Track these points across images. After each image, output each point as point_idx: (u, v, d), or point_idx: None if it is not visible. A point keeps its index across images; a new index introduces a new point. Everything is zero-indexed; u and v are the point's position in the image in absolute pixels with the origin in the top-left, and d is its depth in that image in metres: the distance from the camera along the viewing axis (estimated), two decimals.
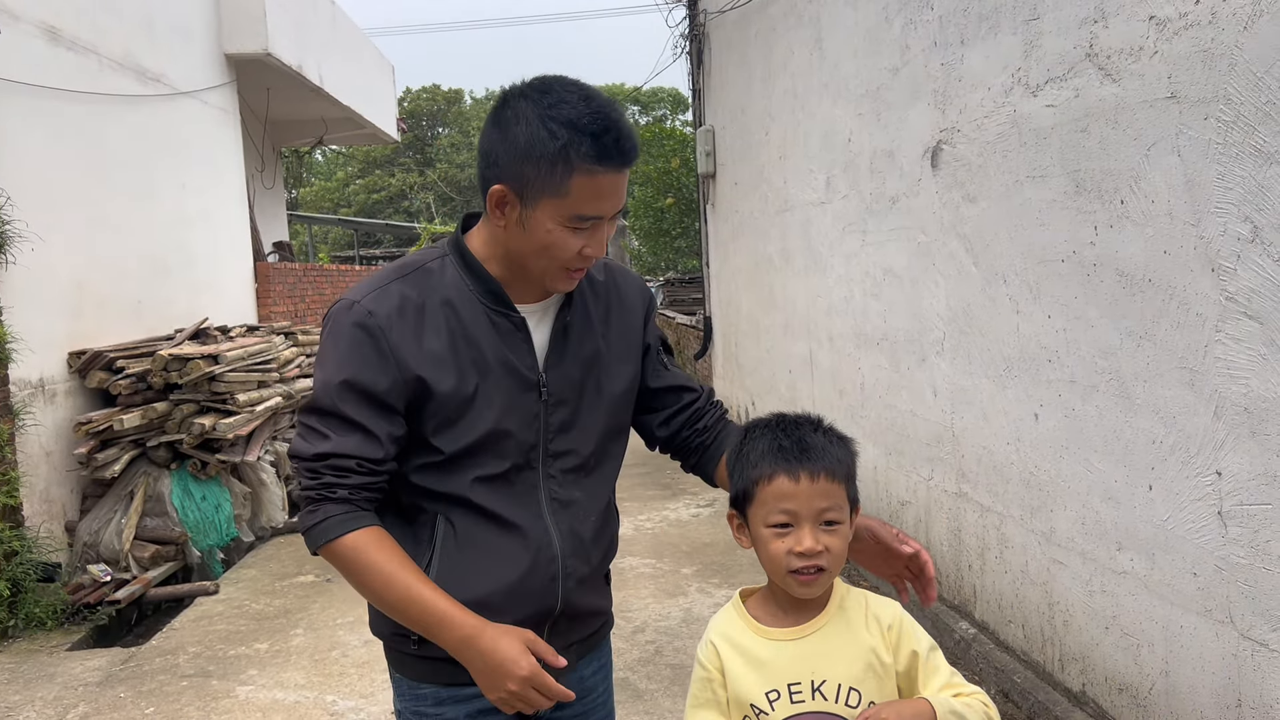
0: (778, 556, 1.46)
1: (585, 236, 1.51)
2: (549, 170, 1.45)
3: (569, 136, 1.44)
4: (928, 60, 4.31)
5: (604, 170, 1.46)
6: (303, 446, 1.54)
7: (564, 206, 1.47)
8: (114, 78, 6.69)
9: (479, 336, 1.56)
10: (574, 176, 1.45)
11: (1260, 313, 2.40)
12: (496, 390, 1.57)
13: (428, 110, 40.60)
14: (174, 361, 5.95)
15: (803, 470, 1.46)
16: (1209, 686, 2.69)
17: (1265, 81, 2.34)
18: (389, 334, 1.51)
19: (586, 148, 1.44)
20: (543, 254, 1.52)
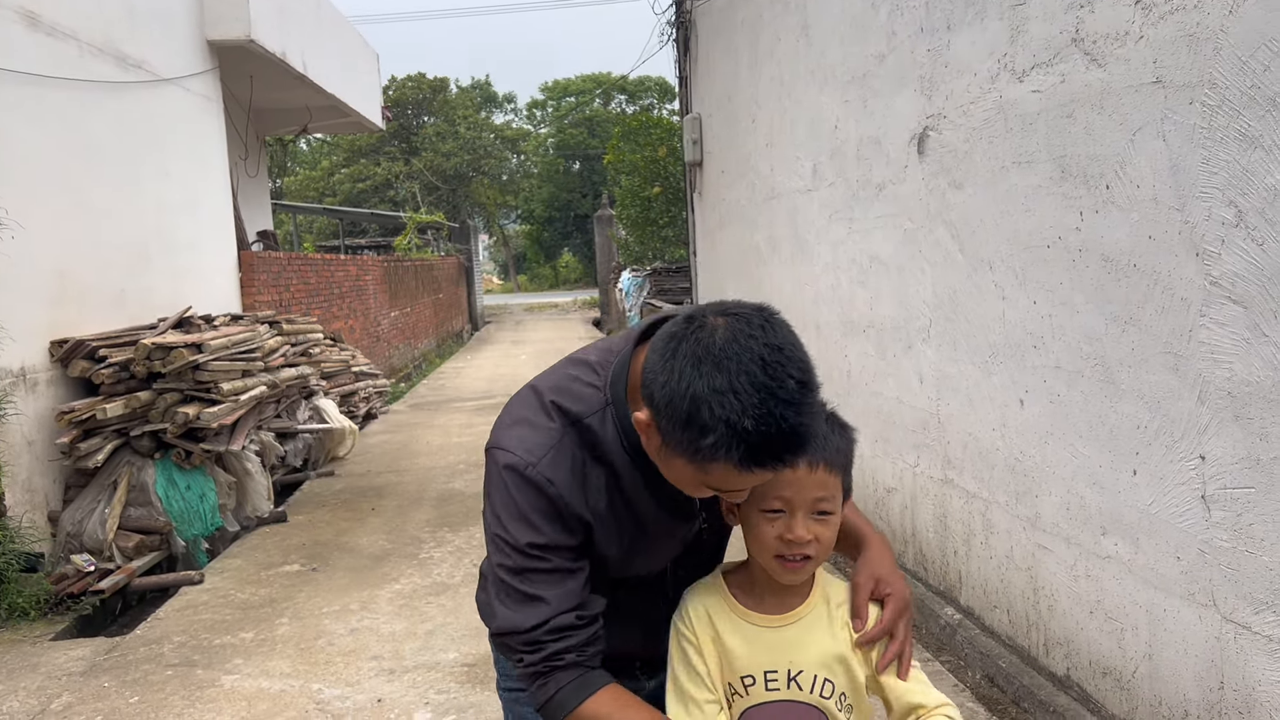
0: (766, 540, 1.45)
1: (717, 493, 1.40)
2: (694, 452, 1.28)
3: (721, 436, 1.24)
4: (914, 46, 4.30)
5: (755, 472, 1.28)
6: (516, 618, 1.44)
7: (701, 478, 1.33)
8: (94, 64, 6.62)
9: (636, 499, 1.49)
10: (717, 465, 1.28)
11: (1244, 297, 2.41)
12: (652, 547, 1.54)
13: (413, 99, 40.37)
14: (157, 350, 5.91)
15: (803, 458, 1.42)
16: (1192, 670, 2.70)
17: (1250, 65, 2.34)
18: (570, 503, 1.44)
19: (738, 455, 1.25)
20: (672, 482, 1.41)
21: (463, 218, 33.56)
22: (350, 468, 8.44)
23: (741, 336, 1.27)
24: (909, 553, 4.76)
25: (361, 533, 6.34)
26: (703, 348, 1.27)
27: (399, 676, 4.07)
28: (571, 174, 47.34)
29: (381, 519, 6.67)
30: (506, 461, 1.45)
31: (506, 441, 1.48)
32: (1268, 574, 2.40)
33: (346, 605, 4.96)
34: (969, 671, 3.87)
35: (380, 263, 15.06)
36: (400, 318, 15.87)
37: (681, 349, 1.29)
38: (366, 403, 10.59)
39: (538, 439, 1.46)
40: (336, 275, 12.05)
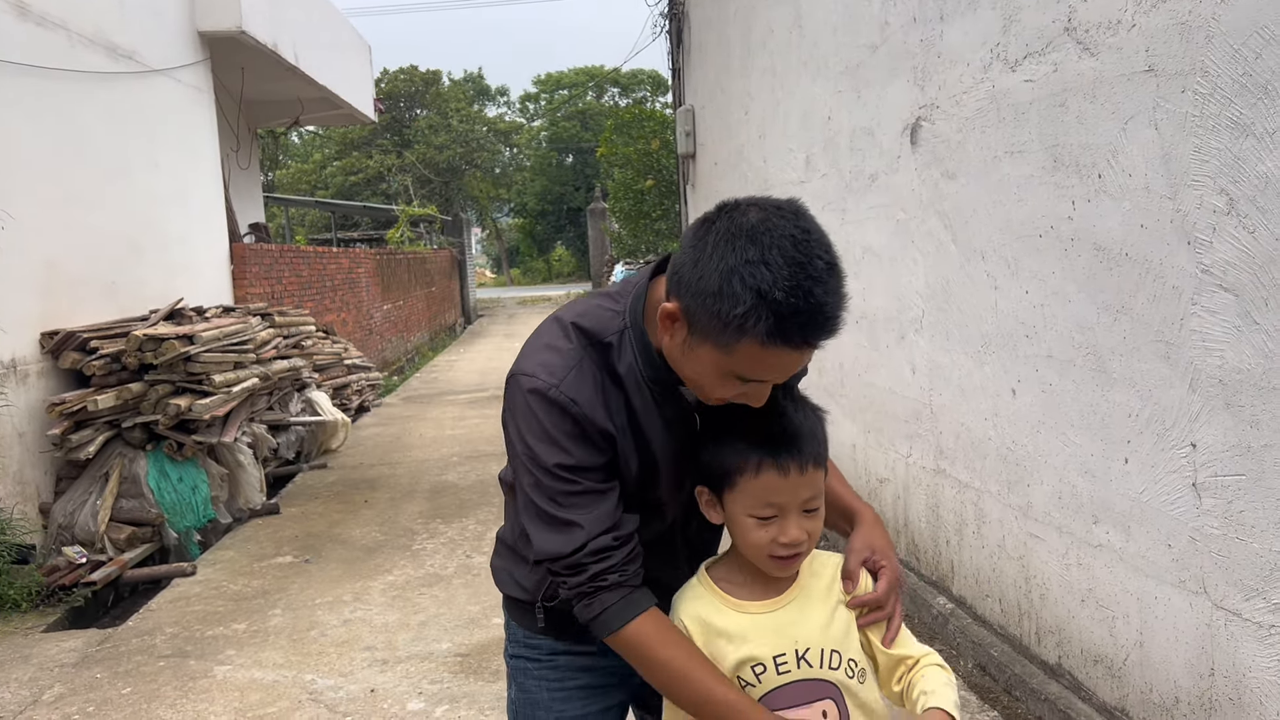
0: (759, 543, 1.45)
1: (745, 387, 1.39)
2: (720, 327, 1.30)
3: (751, 306, 1.26)
4: (907, 36, 4.30)
5: (780, 348, 1.29)
6: (555, 544, 1.45)
7: (725, 362, 1.34)
8: (85, 54, 6.59)
9: (647, 424, 1.50)
10: (743, 342, 1.30)
11: (1235, 285, 2.41)
12: (659, 473, 1.53)
13: (405, 91, 40.24)
14: (149, 342, 5.89)
15: (792, 463, 1.42)
16: (1183, 657, 2.72)
17: (1242, 53, 2.34)
18: (594, 420, 1.44)
19: (767, 325, 1.27)
20: (693, 383, 1.42)
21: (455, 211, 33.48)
22: (343, 460, 8.43)
23: (774, 218, 1.31)
24: (901, 543, 4.77)
25: (354, 524, 6.33)
26: (736, 225, 1.31)
27: (392, 667, 4.07)
28: (564, 167, 47.26)
29: (374, 511, 6.66)
30: (530, 386, 1.46)
31: (529, 367, 1.48)
32: (1258, 561, 2.41)
33: (339, 596, 4.96)
34: (961, 660, 3.88)
35: (373, 255, 15.03)
36: (393, 311, 15.84)
37: (714, 229, 1.33)
38: (359, 395, 10.57)
39: (559, 361, 1.47)
40: (329, 268, 12.02)
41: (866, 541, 1.58)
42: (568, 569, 1.45)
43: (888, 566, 1.55)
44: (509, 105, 50.78)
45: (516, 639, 1.73)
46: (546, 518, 1.45)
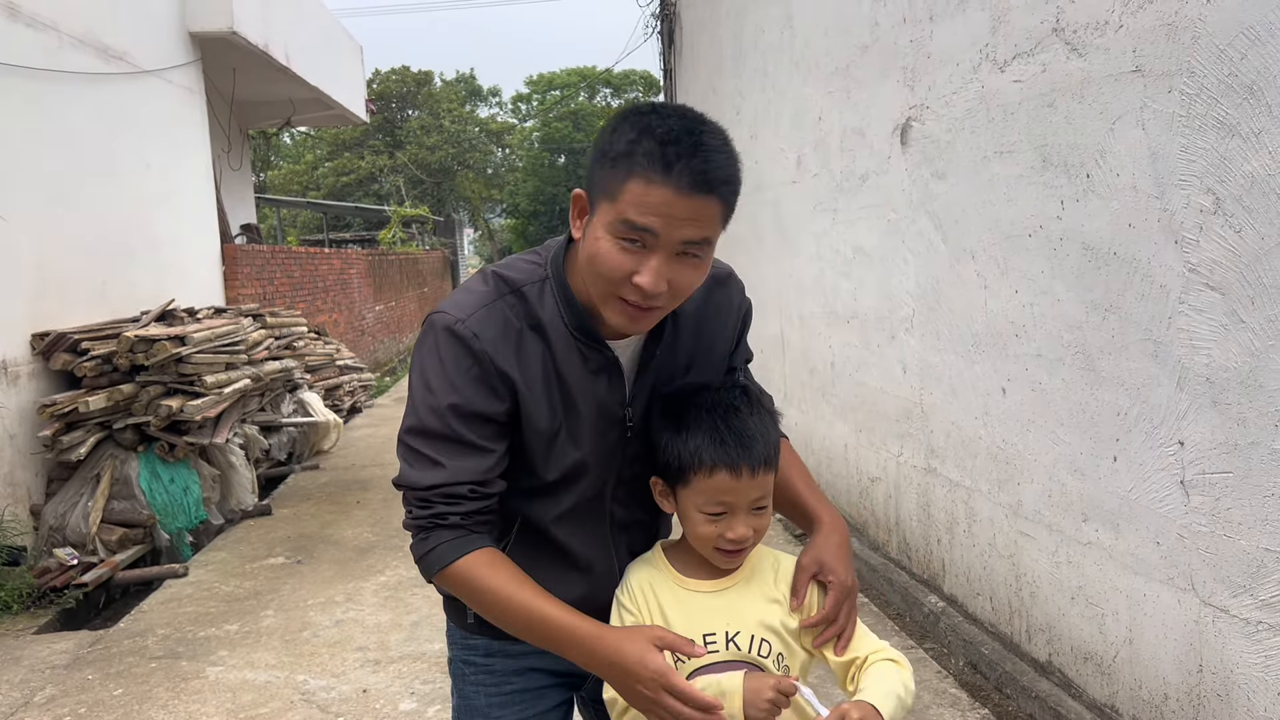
0: (707, 536, 1.51)
1: (637, 259, 1.35)
2: (611, 171, 1.35)
3: (637, 138, 1.33)
4: (897, 37, 4.32)
5: (661, 182, 1.30)
6: (414, 475, 1.47)
7: (613, 210, 1.35)
8: (75, 55, 6.57)
9: (569, 373, 1.49)
10: (630, 180, 1.32)
11: (1222, 283, 2.43)
12: (582, 428, 1.52)
13: (397, 92, 40.17)
14: (140, 343, 5.87)
15: (744, 464, 1.47)
16: (1171, 653, 2.73)
17: (1228, 54, 2.36)
18: (494, 359, 1.44)
19: (649, 151, 1.31)
20: (591, 266, 1.39)
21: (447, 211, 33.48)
22: (335, 461, 8.42)
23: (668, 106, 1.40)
24: (893, 542, 4.79)
25: (346, 525, 6.33)
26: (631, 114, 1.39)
27: (384, 667, 4.07)
28: (557, 167, 47.23)
29: (366, 511, 6.66)
30: (438, 321, 1.47)
31: (442, 305, 1.51)
32: (1245, 557, 2.42)
33: (331, 597, 4.95)
34: (952, 659, 3.90)
35: (364, 256, 15.01)
36: (385, 311, 15.82)
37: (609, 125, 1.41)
38: (351, 396, 10.56)
39: (470, 300, 1.49)
40: (320, 269, 12.00)
41: (815, 556, 1.57)
42: (417, 500, 1.48)
43: (835, 581, 1.54)
44: (501, 106, 50.72)
45: (455, 640, 1.72)
46: (418, 455, 1.47)
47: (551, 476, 1.54)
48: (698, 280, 1.43)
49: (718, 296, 1.65)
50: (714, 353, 1.65)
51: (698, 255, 1.39)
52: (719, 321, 1.65)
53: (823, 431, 5.67)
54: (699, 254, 1.39)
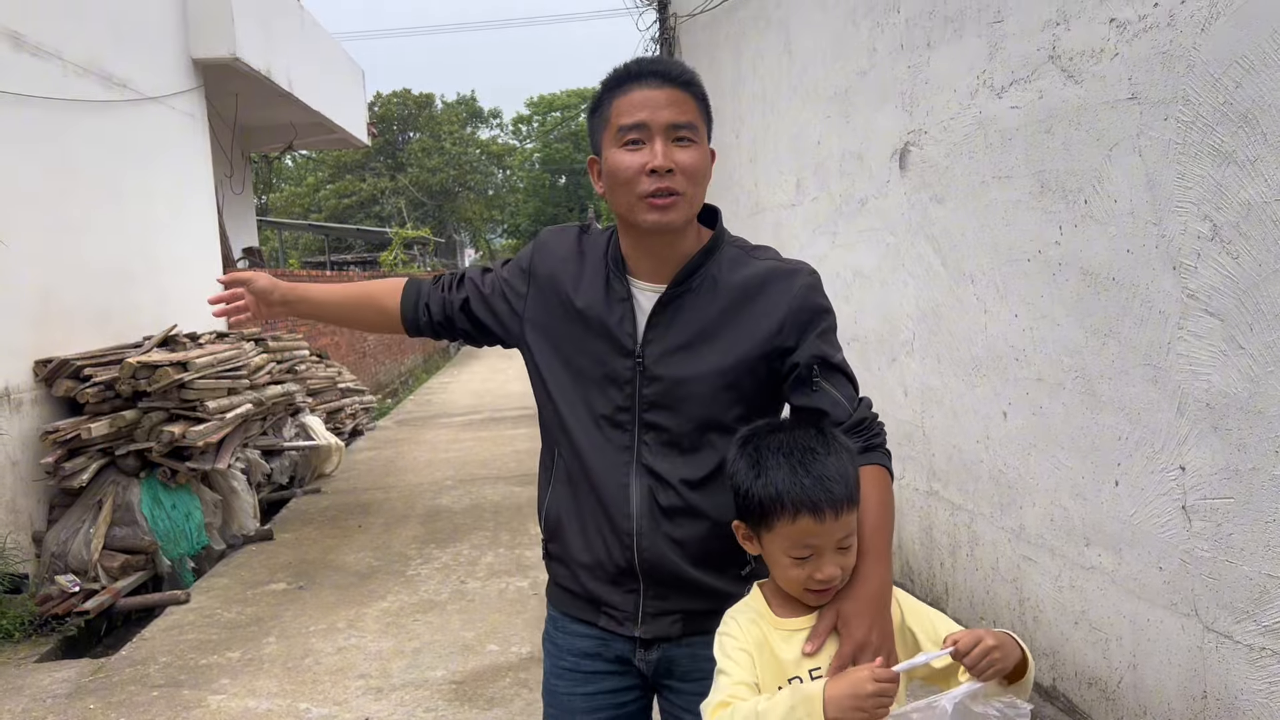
0: (796, 579, 1.51)
1: (643, 154, 1.61)
2: (600, 114, 1.68)
3: (608, 80, 1.67)
4: (894, 63, 4.34)
5: (635, 86, 1.63)
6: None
7: (610, 131, 1.64)
8: (79, 83, 6.62)
9: (591, 293, 1.74)
10: (613, 103, 1.65)
11: (1220, 309, 2.44)
12: (592, 342, 1.73)
13: (399, 114, 40.39)
14: (142, 369, 5.89)
15: (828, 509, 1.47)
16: (1175, 679, 2.73)
17: (1222, 82, 2.38)
18: (549, 246, 1.82)
19: (618, 76, 1.66)
20: (618, 188, 1.64)
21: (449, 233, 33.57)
22: (337, 485, 8.41)
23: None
24: (896, 565, 4.78)
25: (348, 550, 6.32)
26: None
27: (386, 695, 4.06)
28: (557, 188, 47.41)
29: (368, 536, 6.65)
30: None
31: None
32: (1248, 583, 2.42)
33: (333, 624, 4.94)
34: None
35: (366, 278, 15.05)
36: (386, 334, 15.84)
37: None
38: (353, 419, 10.56)
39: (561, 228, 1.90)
40: None
41: (838, 606, 1.54)
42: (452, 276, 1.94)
43: (846, 637, 1.51)
44: (502, 127, 50.96)
45: (549, 611, 1.91)
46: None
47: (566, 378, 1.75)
48: (701, 163, 1.64)
49: (776, 285, 1.70)
50: (753, 335, 1.67)
51: (691, 139, 1.63)
52: (766, 306, 1.68)
53: None
54: (692, 138, 1.63)
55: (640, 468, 1.70)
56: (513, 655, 4.37)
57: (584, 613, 1.79)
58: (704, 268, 1.70)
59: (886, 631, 1.54)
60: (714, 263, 1.70)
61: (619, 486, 1.71)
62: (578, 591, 1.79)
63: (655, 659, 1.75)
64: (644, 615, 1.73)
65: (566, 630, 1.82)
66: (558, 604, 1.85)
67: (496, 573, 5.63)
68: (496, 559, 5.89)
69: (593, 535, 1.74)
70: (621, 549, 1.71)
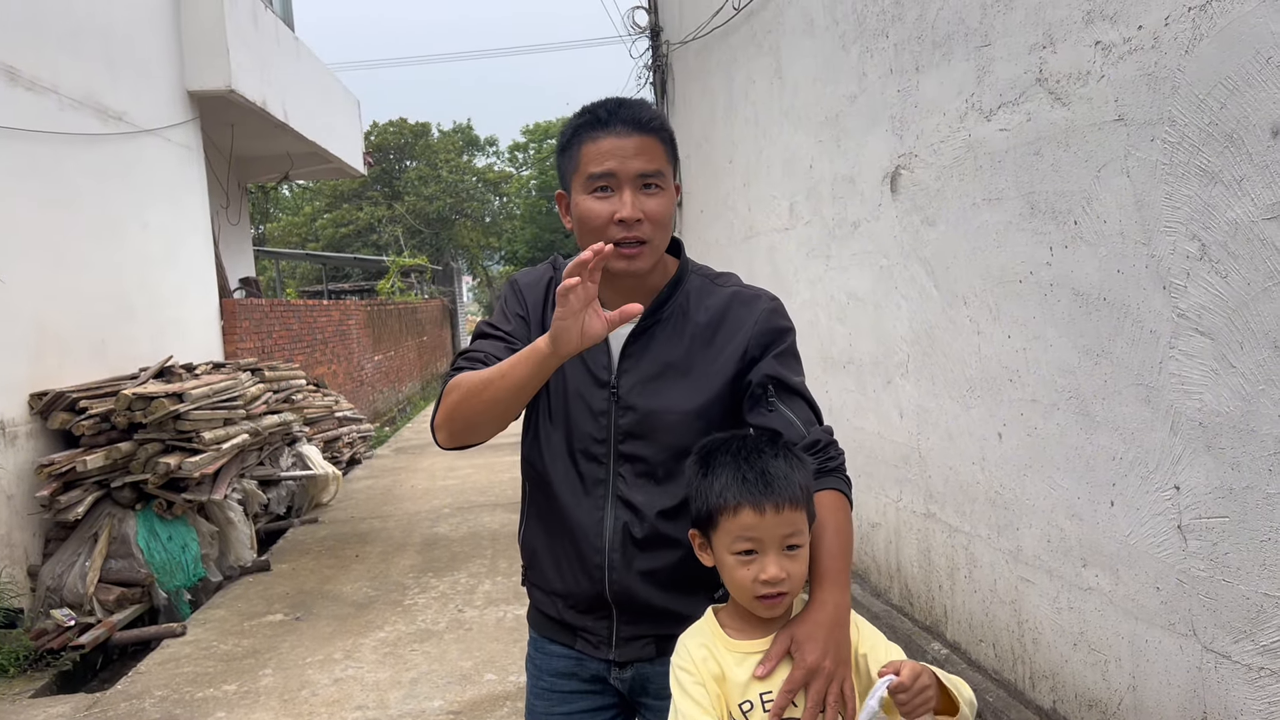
0: (743, 583, 1.51)
1: (611, 202, 1.64)
2: (569, 155, 1.69)
3: (575, 121, 1.69)
4: (884, 87, 4.37)
5: (604, 134, 1.64)
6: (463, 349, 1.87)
7: (580, 178, 1.66)
8: (74, 116, 6.65)
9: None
10: (582, 147, 1.66)
11: (1211, 328, 2.45)
12: (569, 374, 1.74)
13: (395, 143, 40.53)
14: (138, 400, 5.88)
15: (767, 502, 1.49)
16: (1175, 700, 2.71)
17: (1207, 103, 2.39)
18: (526, 296, 1.83)
19: (586, 120, 1.67)
20: (587, 233, 1.66)
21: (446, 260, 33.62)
22: (334, 514, 8.39)
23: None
24: (895, 588, 4.76)
25: (345, 580, 6.29)
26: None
27: None
28: (554, 215, 47.46)
29: (365, 565, 6.62)
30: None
31: None
32: (1245, 603, 2.41)
33: (330, 654, 4.91)
34: None
35: (363, 307, 15.07)
36: (384, 361, 15.84)
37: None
38: (350, 448, 10.54)
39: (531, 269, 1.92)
40: (319, 320, 12.04)
41: (792, 630, 1.55)
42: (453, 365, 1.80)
43: (797, 662, 1.51)
44: (498, 155, 51.15)
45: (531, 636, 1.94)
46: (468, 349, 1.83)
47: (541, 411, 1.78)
48: (668, 208, 1.69)
49: (738, 312, 1.77)
50: (719, 360, 1.74)
51: (659, 186, 1.67)
52: (730, 332, 1.75)
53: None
54: (659, 184, 1.67)
55: (615, 500, 1.73)
56: (510, 684, 4.34)
57: (560, 635, 1.84)
58: (672, 299, 1.76)
59: (841, 658, 1.53)
60: (681, 293, 1.77)
61: (593, 521, 1.74)
62: (554, 616, 1.84)
63: (629, 677, 1.80)
64: (618, 640, 1.78)
65: (545, 651, 1.87)
66: (537, 627, 1.90)
67: (494, 601, 5.60)
68: (494, 587, 5.86)
69: (565, 568, 1.79)
70: (592, 582, 1.75)
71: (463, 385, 1.68)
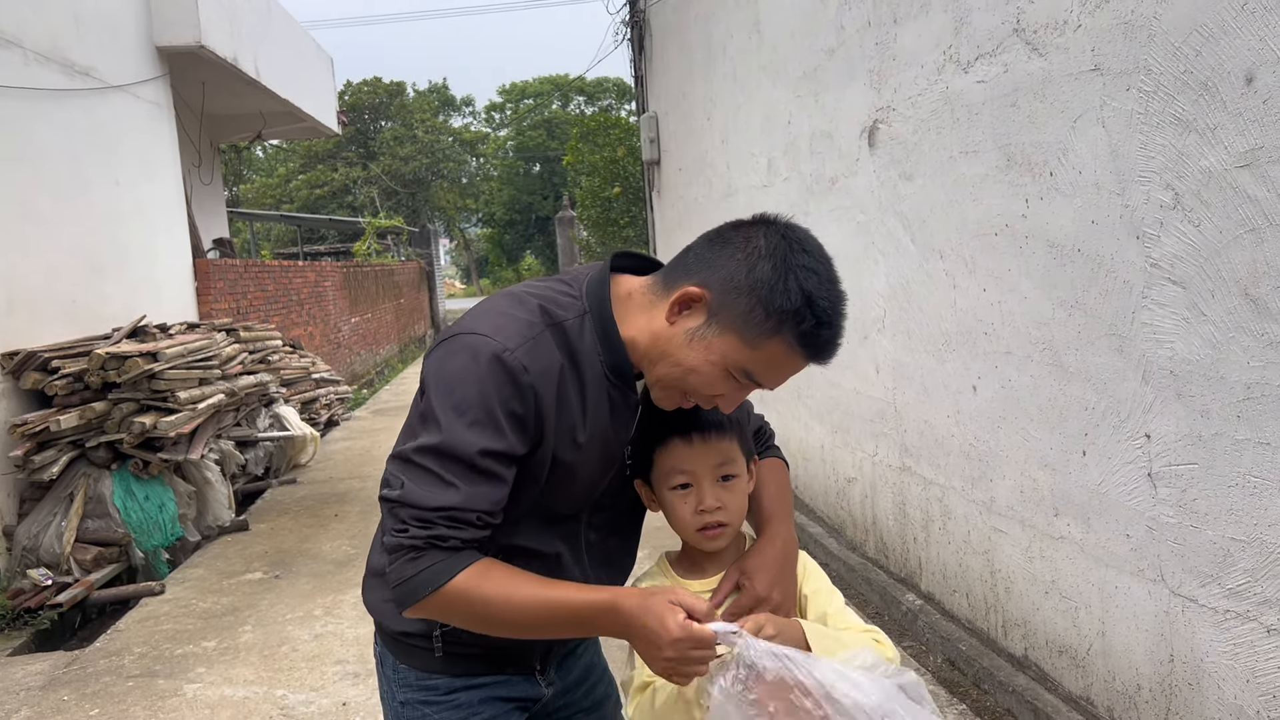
0: (684, 517, 1.56)
1: (732, 389, 1.43)
2: (761, 320, 1.36)
3: (800, 306, 1.35)
4: (862, 40, 4.35)
5: (802, 356, 1.39)
6: (420, 495, 1.36)
7: (744, 357, 1.38)
8: (40, 71, 6.52)
9: (595, 415, 1.46)
10: (775, 340, 1.37)
11: (1183, 277, 2.47)
12: (588, 461, 1.49)
13: (370, 103, 40.05)
14: (111, 360, 5.83)
15: (695, 432, 1.54)
16: (1143, 644, 2.76)
17: (1183, 51, 2.39)
18: (540, 394, 1.38)
19: (807, 327, 1.36)
20: (684, 375, 1.42)
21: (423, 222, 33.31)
22: (313, 475, 8.37)
23: (812, 242, 1.44)
24: (870, 541, 4.81)
25: (325, 539, 6.30)
26: (781, 239, 1.41)
27: (364, 680, 4.05)
28: (532, 176, 47.22)
29: (345, 525, 6.63)
30: (482, 347, 1.37)
31: (481, 327, 1.40)
32: (1212, 547, 2.46)
33: (310, 611, 4.93)
34: (930, 656, 3.92)
35: (339, 269, 14.95)
36: (361, 324, 15.75)
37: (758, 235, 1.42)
38: (328, 409, 10.51)
39: (516, 328, 1.40)
40: (295, 282, 11.94)
41: (741, 563, 1.57)
42: (417, 521, 1.36)
43: (748, 588, 1.53)
44: (474, 115, 50.66)
45: (408, 683, 1.61)
46: (428, 475, 1.37)
47: (542, 502, 1.49)
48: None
49: None
50: None
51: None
52: None
53: (799, 433, 5.69)
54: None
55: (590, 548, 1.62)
56: None
57: (490, 666, 1.60)
58: None
59: (788, 591, 1.58)
60: None
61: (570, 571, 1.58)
62: (479, 654, 1.58)
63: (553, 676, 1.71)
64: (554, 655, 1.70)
65: (470, 685, 1.59)
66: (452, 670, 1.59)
67: None
68: None
69: None
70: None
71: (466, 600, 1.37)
